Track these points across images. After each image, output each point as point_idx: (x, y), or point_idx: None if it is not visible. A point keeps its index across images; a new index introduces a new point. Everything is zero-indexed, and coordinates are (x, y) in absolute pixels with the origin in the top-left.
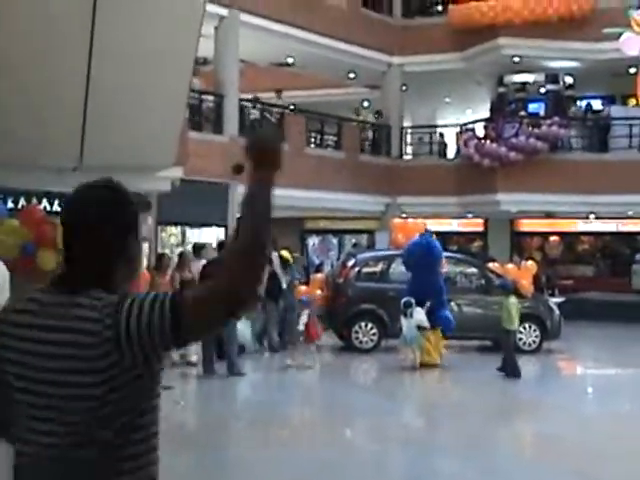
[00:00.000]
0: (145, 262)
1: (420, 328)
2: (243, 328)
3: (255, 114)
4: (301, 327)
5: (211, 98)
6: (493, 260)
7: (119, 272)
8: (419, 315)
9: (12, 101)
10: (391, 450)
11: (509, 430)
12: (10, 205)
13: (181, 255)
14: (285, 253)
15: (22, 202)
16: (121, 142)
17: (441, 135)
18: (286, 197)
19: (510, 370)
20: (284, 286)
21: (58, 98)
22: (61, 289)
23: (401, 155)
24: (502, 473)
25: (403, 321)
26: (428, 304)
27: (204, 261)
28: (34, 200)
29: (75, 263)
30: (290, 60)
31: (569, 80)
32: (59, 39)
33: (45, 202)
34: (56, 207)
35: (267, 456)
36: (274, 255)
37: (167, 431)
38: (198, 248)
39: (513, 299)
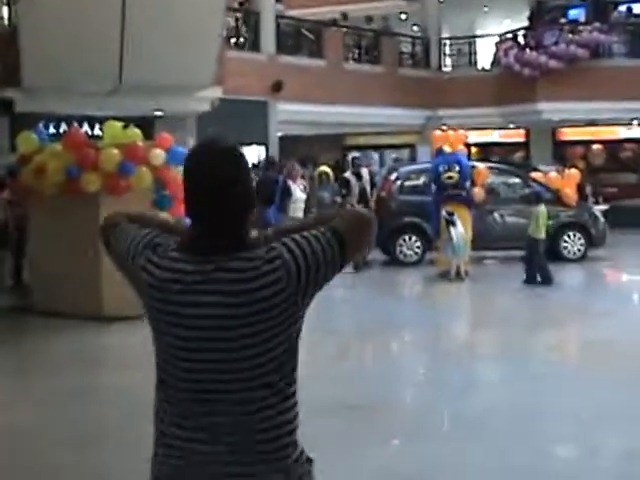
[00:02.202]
0: None
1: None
2: None
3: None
4: None
5: (248, 16)
6: (536, 170)
7: (249, 223)
8: (460, 225)
9: (49, 27)
10: (434, 360)
11: (556, 337)
12: (52, 130)
13: None
14: (325, 168)
15: (64, 127)
16: (159, 63)
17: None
18: (325, 113)
19: (531, 277)
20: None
21: (95, 21)
22: (207, 256)
23: (440, 67)
24: (549, 378)
25: (452, 230)
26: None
27: None
28: (75, 124)
29: (217, 225)
30: None
31: None
32: None
33: (86, 126)
34: (97, 131)
35: (312, 371)
36: (364, 171)
37: None
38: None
39: (543, 208)
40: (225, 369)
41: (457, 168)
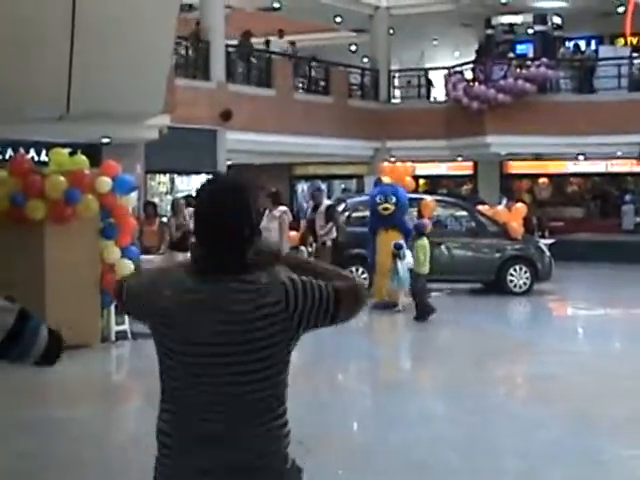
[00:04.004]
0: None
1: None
2: None
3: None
4: None
5: (197, 45)
6: (483, 203)
7: (252, 250)
8: (409, 257)
9: None
10: (380, 393)
11: (501, 371)
12: None
13: (174, 202)
14: None
15: (9, 153)
16: (108, 90)
17: (428, 80)
18: (274, 143)
19: (421, 312)
20: None
21: (43, 47)
22: (216, 276)
23: (389, 99)
24: (494, 413)
25: (398, 263)
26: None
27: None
28: (21, 150)
29: (220, 255)
30: (277, 5)
31: (557, 20)
32: None
33: (33, 152)
34: (43, 157)
35: None
36: (325, 202)
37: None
38: (190, 197)
39: (423, 241)
40: (224, 383)
41: (394, 200)
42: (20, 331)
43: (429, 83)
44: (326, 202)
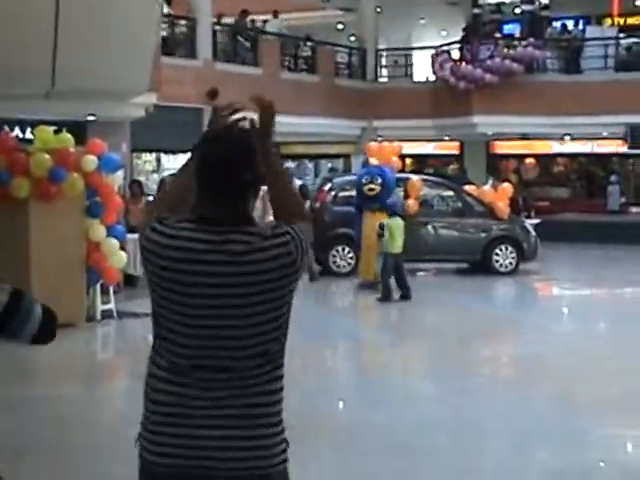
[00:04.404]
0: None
1: None
2: None
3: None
4: None
5: (184, 22)
6: (470, 183)
7: (252, 205)
8: None
9: None
10: (364, 373)
11: (487, 351)
12: None
13: (162, 181)
14: None
15: None
16: (94, 68)
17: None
18: None
19: (383, 295)
20: None
21: (28, 24)
22: (216, 227)
23: (377, 78)
24: (479, 393)
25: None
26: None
27: None
28: (6, 128)
29: (224, 202)
30: None
31: (545, 0)
32: None
33: (17, 130)
34: (28, 134)
35: None
36: (296, 182)
37: None
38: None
39: (396, 221)
40: (226, 336)
41: (379, 180)
42: (15, 307)
43: (418, 63)
44: (298, 182)
